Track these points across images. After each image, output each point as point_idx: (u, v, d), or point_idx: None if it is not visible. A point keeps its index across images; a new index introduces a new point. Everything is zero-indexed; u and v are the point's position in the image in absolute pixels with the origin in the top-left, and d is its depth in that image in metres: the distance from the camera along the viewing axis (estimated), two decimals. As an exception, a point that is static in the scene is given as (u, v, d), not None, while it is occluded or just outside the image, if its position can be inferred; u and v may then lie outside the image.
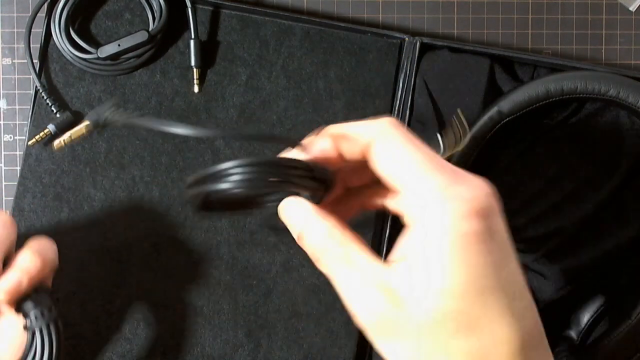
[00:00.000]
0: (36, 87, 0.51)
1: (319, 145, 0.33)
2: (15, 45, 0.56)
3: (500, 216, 0.30)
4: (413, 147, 0.31)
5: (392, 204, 0.34)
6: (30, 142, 0.48)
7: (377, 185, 0.34)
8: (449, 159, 0.35)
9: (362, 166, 0.33)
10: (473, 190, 0.29)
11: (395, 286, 0.30)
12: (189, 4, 0.52)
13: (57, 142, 0.39)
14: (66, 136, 0.38)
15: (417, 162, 0.30)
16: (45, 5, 0.52)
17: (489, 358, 0.29)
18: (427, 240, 0.29)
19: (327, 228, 0.32)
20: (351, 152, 0.33)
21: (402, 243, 0.31)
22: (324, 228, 0.32)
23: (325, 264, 0.33)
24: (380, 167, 0.32)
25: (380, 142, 0.31)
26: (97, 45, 0.52)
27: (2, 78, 0.56)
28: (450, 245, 0.28)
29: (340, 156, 0.33)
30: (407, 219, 0.31)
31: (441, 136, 0.38)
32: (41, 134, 0.50)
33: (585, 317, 0.53)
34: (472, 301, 0.28)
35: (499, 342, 0.29)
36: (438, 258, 0.29)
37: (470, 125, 0.51)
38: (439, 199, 0.29)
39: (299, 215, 0.34)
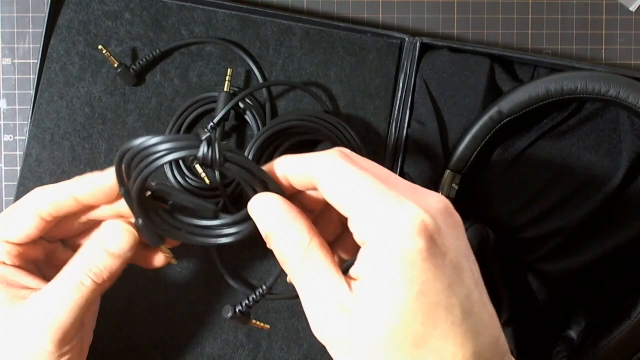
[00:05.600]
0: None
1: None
2: (15, 45, 0.56)
3: (451, 233, 0.31)
4: (356, 176, 0.32)
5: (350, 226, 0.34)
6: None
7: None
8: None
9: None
10: (416, 211, 0.30)
11: (351, 304, 0.30)
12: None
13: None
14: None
15: (360, 190, 0.31)
16: (46, 4, 0.52)
17: None
18: (375, 261, 0.30)
19: (297, 232, 0.33)
20: (300, 184, 0.35)
21: (360, 259, 0.32)
22: (294, 233, 0.33)
23: (289, 269, 0.33)
24: (329, 198, 0.33)
25: (326, 176, 0.33)
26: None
27: (2, 78, 0.56)
28: (394, 265, 0.29)
29: (291, 186, 0.35)
30: (358, 241, 0.32)
31: None
32: None
33: (585, 317, 0.53)
34: (420, 318, 0.29)
35: (447, 359, 0.29)
36: (385, 278, 0.29)
37: (470, 125, 0.51)
38: (382, 223, 0.30)
39: (270, 212, 0.34)
